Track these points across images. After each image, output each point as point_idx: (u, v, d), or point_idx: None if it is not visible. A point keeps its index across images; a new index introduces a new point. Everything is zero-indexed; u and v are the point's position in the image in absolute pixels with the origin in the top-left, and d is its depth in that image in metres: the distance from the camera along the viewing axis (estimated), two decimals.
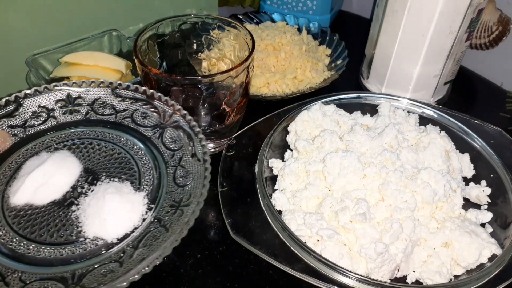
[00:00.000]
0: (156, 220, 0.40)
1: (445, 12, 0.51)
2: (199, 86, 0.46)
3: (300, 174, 0.47)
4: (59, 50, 0.60)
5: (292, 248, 0.39)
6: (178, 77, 0.45)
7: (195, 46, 0.57)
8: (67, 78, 0.58)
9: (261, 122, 0.52)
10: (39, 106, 0.47)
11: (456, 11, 0.51)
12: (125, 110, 0.48)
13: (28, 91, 0.46)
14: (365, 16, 0.85)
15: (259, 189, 0.44)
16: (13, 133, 0.45)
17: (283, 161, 0.50)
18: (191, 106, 0.49)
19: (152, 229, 0.39)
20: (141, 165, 0.45)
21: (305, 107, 0.53)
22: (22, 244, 0.39)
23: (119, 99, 0.48)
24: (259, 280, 0.42)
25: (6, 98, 0.44)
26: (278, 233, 0.41)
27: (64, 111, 0.47)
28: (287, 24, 0.74)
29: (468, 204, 0.47)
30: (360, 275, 0.37)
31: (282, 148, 0.52)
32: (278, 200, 0.45)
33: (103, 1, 0.63)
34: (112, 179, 0.44)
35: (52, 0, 0.58)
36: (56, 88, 0.47)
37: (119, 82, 0.48)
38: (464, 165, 0.50)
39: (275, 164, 0.49)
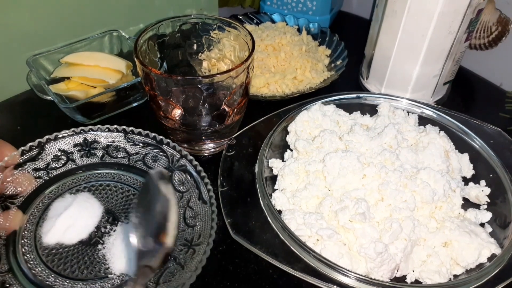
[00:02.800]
0: (172, 258, 0.41)
1: (445, 13, 0.51)
2: (199, 86, 0.46)
3: (300, 174, 0.47)
4: (60, 50, 0.60)
5: (292, 247, 0.39)
6: (179, 78, 0.45)
7: (195, 47, 0.57)
8: (68, 78, 0.59)
9: (261, 122, 0.52)
10: (59, 150, 0.50)
11: (455, 12, 0.52)
12: (137, 153, 0.51)
13: (49, 136, 0.49)
14: (365, 16, 0.85)
15: (259, 189, 0.44)
16: (37, 175, 0.48)
17: (283, 161, 0.50)
18: (191, 106, 0.49)
19: (170, 266, 0.41)
20: None
21: (305, 107, 0.53)
22: (57, 280, 0.41)
23: (131, 143, 0.51)
24: (259, 280, 0.42)
25: (30, 144, 0.47)
26: (278, 232, 0.41)
27: (82, 154, 0.50)
28: (287, 24, 0.74)
29: (467, 204, 0.47)
30: (359, 275, 0.37)
31: (282, 148, 0.52)
32: (278, 200, 0.45)
33: (104, 1, 0.63)
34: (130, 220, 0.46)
35: (53, 1, 0.58)
36: (74, 132, 0.50)
37: (131, 128, 0.51)
38: (464, 165, 0.50)
39: (275, 164, 0.49)
